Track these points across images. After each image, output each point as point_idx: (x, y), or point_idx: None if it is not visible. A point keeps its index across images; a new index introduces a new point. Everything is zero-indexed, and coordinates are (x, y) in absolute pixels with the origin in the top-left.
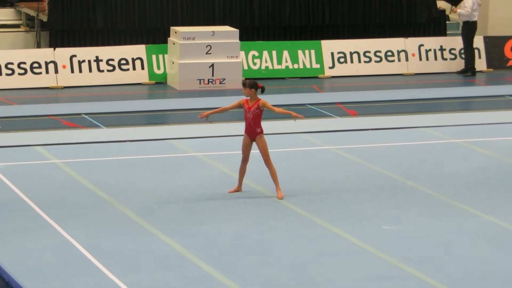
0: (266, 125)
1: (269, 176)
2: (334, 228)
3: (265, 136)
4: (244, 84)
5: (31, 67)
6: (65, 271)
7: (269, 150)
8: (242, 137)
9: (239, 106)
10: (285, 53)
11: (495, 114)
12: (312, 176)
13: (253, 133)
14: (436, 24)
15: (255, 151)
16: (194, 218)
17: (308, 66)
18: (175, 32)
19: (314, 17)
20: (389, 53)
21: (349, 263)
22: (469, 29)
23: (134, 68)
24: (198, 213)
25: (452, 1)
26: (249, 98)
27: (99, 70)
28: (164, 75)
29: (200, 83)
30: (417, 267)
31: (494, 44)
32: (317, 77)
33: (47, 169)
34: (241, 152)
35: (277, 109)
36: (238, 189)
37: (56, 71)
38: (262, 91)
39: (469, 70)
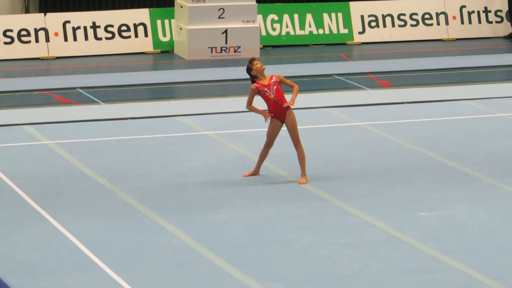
0: (288, 98)
1: (290, 158)
2: (364, 215)
3: None
4: (251, 60)
5: (19, 35)
6: (59, 267)
7: (283, 128)
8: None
9: (256, 93)
10: (309, 17)
11: None
12: (340, 156)
13: (282, 111)
14: None
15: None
16: (206, 206)
17: (334, 31)
18: None
19: None
20: (426, 16)
21: (382, 254)
22: None
23: (136, 36)
24: (210, 200)
25: None
26: (260, 79)
27: (96, 38)
28: (171, 43)
29: (211, 52)
30: (459, 259)
31: None
32: (345, 44)
33: (37, 151)
34: (264, 133)
35: (293, 85)
36: (255, 173)
37: (47, 40)
38: (253, 81)
39: None
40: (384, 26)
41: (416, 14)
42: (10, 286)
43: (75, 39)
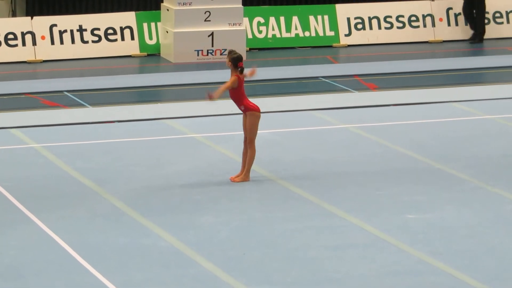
0: (274, 101)
1: (277, 161)
2: (352, 217)
3: (271, 114)
4: (229, 53)
5: (5, 39)
6: (47, 270)
7: (278, 130)
8: None
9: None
10: (295, 19)
11: None
12: (327, 158)
13: (241, 110)
14: None
15: (264, 130)
16: (193, 209)
17: (321, 33)
18: None
19: None
20: (413, 18)
21: (369, 257)
22: None
23: (122, 39)
24: (197, 203)
25: None
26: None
27: (82, 41)
28: (157, 46)
29: (198, 55)
30: (447, 261)
31: None
32: (331, 46)
33: (24, 154)
34: (238, 132)
35: (225, 85)
36: (246, 179)
37: (34, 43)
38: (241, 72)
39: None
40: (371, 28)
41: (403, 16)
42: None
43: (61, 42)
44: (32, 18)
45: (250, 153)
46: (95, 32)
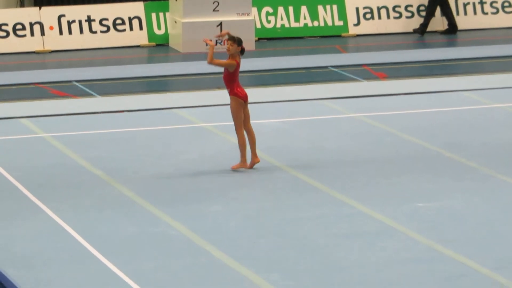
0: (283, 91)
1: (287, 149)
2: (361, 206)
3: (280, 103)
4: (233, 38)
5: (14, 29)
6: (57, 259)
7: (288, 119)
8: (255, 105)
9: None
10: (304, 9)
11: None
12: (336, 147)
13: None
14: None
15: (268, 120)
16: (203, 198)
17: (329, 23)
18: None
19: None
20: (421, 8)
21: (379, 245)
22: None
23: (131, 29)
24: (206, 192)
25: None
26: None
27: (91, 31)
28: (166, 36)
29: (206, 45)
30: (457, 249)
31: None
32: (340, 36)
33: (34, 144)
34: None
35: (225, 63)
36: (243, 165)
37: (43, 33)
38: (242, 53)
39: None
40: (379, 18)
41: (411, 5)
42: (8, 277)
43: (70, 32)
44: (40, 9)
45: (240, 141)
46: (104, 22)
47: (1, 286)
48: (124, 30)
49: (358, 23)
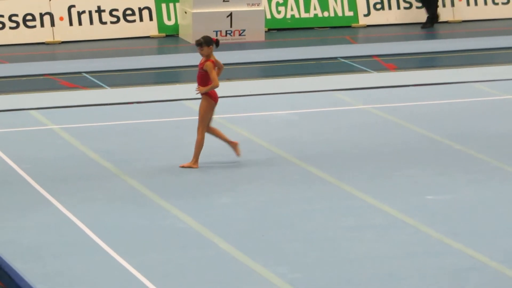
0: (292, 82)
1: (295, 141)
2: (370, 198)
3: (290, 94)
4: (200, 44)
5: (24, 20)
6: (65, 252)
7: (297, 110)
8: (265, 96)
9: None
10: (314, 0)
11: None
12: (345, 139)
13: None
14: None
15: (277, 111)
16: (211, 190)
17: (340, 14)
18: None
19: None
20: None
21: (388, 238)
22: None
23: (141, 19)
24: (215, 184)
25: None
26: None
27: (101, 22)
28: (176, 26)
29: (216, 35)
30: (466, 242)
31: None
32: (350, 27)
33: (43, 136)
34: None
35: (212, 79)
36: (194, 165)
37: (53, 24)
38: (217, 45)
39: (429, 21)
40: (390, 8)
41: None
42: (16, 270)
43: (80, 23)
44: None
45: (198, 139)
46: (114, 13)
47: (10, 279)
48: (134, 21)
49: (368, 13)
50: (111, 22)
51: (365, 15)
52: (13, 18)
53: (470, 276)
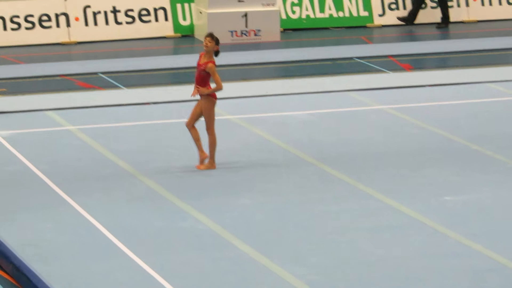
0: (308, 82)
1: (314, 143)
2: (388, 199)
3: (306, 95)
4: (211, 35)
5: (40, 20)
6: (83, 253)
7: (313, 111)
8: (281, 97)
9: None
10: (329, 0)
11: None
12: (362, 139)
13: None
14: None
15: (294, 112)
16: (229, 191)
17: (355, 14)
18: None
19: None
20: None
21: (406, 239)
22: None
23: (156, 20)
24: (233, 185)
25: None
26: (204, 53)
27: (116, 22)
28: (191, 27)
29: (232, 36)
30: (484, 243)
31: None
32: (365, 27)
33: (60, 136)
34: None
35: (216, 82)
36: (211, 166)
37: (68, 25)
38: (216, 54)
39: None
40: (404, 8)
41: None
42: (34, 272)
43: (95, 23)
44: (66, 0)
45: (210, 140)
46: (129, 13)
47: (28, 280)
48: (150, 21)
49: (384, 13)
50: (127, 23)
51: (380, 15)
52: (29, 18)
53: (489, 278)
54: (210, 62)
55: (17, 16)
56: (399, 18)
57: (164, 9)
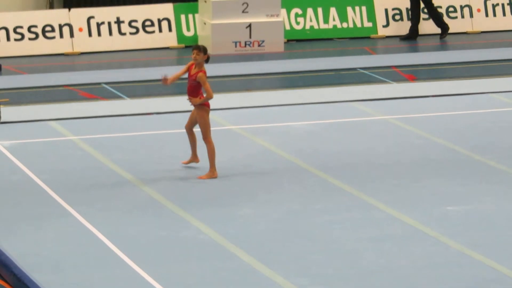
0: (312, 93)
1: (316, 153)
2: (390, 209)
3: (310, 105)
4: (198, 48)
5: (43, 31)
6: (85, 263)
7: (317, 121)
8: (284, 107)
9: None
10: (333, 10)
11: None
12: (365, 150)
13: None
14: None
15: (297, 122)
16: (232, 201)
17: (358, 25)
18: None
19: None
20: (451, 9)
21: (408, 249)
22: None
23: (160, 30)
24: (235, 195)
25: None
26: (195, 63)
27: (120, 33)
28: (195, 37)
29: (236, 46)
30: (486, 254)
31: None
32: (369, 37)
33: (62, 146)
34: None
35: (207, 91)
36: (213, 175)
37: (72, 35)
38: (207, 61)
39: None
40: (408, 19)
41: (440, 7)
42: (35, 282)
43: (99, 34)
44: (69, 10)
45: (208, 149)
46: (133, 24)
47: None
48: (153, 31)
49: (387, 24)
50: (130, 33)
51: (384, 26)
52: (33, 29)
53: None
54: (200, 71)
55: (21, 27)
56: (402, 39)
57: (168, 19)
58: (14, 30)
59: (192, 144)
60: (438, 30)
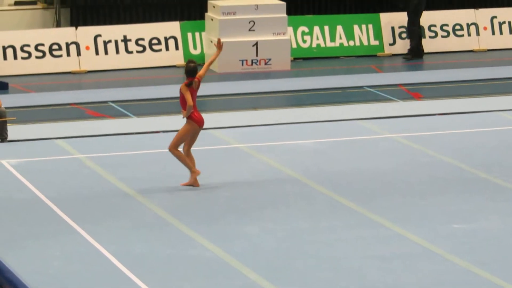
0: (319, 111)
1: (322, 170)
2: (397, 227)
3: (316, 123)
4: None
5: (50, 49)
6: (91, 281)
7: (324, 139)
8: (291, 125)
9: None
10: (339, 29)
11: None
12: (372, 168)
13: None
14: None
15: (304, 140)
16: (238, 218)
17: (365, 43)
18: (213, 7)
19: None
20: (457, 27)
21: (415, 267)
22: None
23: (167, 49)
24: (242, 213)
25: None
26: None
27: (127, 51)
28: (202, 56)
29: (242, 65)
30: (494, 272)
31: None
32: (375, 56)
33: (69, 165)
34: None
35: (186, 99)
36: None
37: (79, 53)
38: (189, 85)
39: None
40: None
41: (447, 25)
42: None
43: (106, 52)
44: (76, 29)
45: (177, 157)
46: (140, 42)
47: None
48: (160, 50)
49: (394, 42)
50: (137, 52)
51: (390, 44)
52: (40, 47)
53: None
54: (183, 83)
55: (28, 45)
56: (406, 58)
57: (175, 38)
58: (21, 49)
59: (189, 165)
60: (444, 49)
